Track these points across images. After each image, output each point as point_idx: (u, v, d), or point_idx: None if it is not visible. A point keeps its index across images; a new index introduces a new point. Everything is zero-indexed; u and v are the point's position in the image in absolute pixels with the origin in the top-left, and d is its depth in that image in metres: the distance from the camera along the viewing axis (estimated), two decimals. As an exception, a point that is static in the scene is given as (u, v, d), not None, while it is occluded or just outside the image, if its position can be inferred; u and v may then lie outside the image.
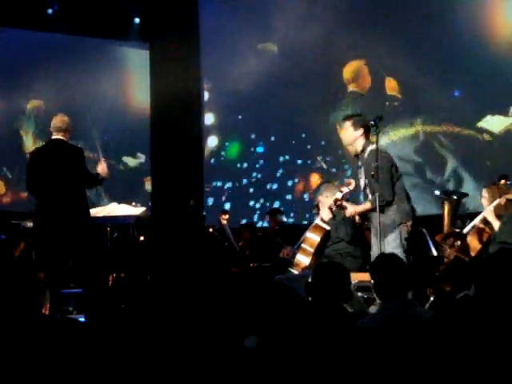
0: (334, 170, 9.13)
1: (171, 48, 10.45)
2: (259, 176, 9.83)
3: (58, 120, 5.60)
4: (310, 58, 8.97)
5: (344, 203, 5.54)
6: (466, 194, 6.63)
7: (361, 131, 5.17)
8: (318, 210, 6.64)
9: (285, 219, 8.67)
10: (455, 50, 7.80)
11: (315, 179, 9.19)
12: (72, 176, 5.41)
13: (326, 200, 5.98)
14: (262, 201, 9.75)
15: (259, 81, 9.08)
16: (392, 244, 5.09)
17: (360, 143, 5.21)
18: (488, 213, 5.39)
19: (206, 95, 10.50)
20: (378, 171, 4.95)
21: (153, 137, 10.94)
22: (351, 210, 5.40)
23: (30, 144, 9.87)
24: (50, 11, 9.92)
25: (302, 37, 8.72)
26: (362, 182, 5.31)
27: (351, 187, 6.02)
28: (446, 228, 6.02)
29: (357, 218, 5.94)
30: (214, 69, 10.28)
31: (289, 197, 9.61)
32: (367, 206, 5.22)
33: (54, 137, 5.60)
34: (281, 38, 9.15)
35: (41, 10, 9.82)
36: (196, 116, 10.93)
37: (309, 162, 9.31)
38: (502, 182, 5.82)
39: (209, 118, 10.38)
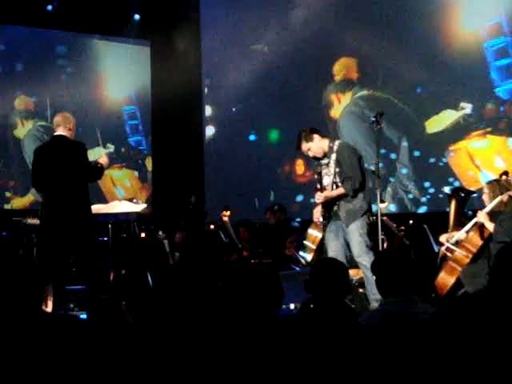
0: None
1: (171, 43, 10.46)
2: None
3: (58, 117, 5.65)
4: (298, 58, 9.85)
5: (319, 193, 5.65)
6: (473, 192, 6.60)
7: (316, 136, 5.48)
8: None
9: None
10: (419, 54, 8.96)
11: (299, 165, 10.07)
12: (74, 171, 5.42)
13: None
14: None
15: (252, 77, 9.94)
16: (356, 234, 5.34)
17: (325, 144, 5.48)
18: (482, 217, 5.35)
19: (205, 90, 11.03)
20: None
21: (154, 133, 10.94)
22: (327, 193, 5.51)
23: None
24: (49, 8, 9.91)
25: (291, 38, 9.70)
26: (329, 179, 5.49)
27: None
28: (451, 225, 5.99)
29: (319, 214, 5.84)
30: (213, 66, 10.76)
31: (280, 183, 10.30)
32: (341, 190, 5.43)
33: (55, 133, 5.62)
34: (272, 38, 10.00)
35: (40, 7, 9.80)
36: (196, 113, 10.94)
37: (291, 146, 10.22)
38: (504, 177, 5.79)
39: (207, 110, 11.02)
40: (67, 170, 5.41)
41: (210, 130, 10.91)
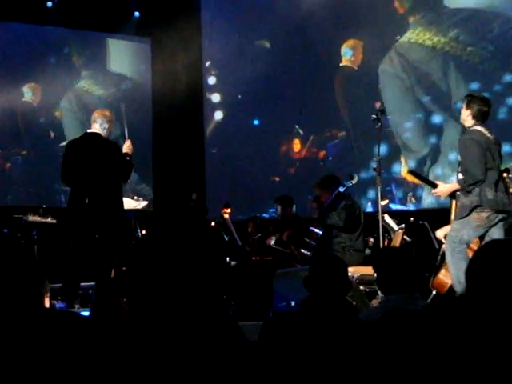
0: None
1: (172, 41, 10.45)
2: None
3: (97, 113, 5.58)
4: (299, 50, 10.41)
5: (436, 182, 5.38)
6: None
7: (469, 112, 5.13)
8: (318, 204, 6.64)
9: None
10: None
11: (296, 144, 10.60)
12: (105, 170, 5.37)
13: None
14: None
15: (255, 67, 10.27)
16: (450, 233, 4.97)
17: (468, 123, 5.17)
18: None
19: (213, 79, 11.27)
20: (379, 165, 5.03)
21: (154, 131, 10.94)
22: (441, 189, 5.24)
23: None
24: (49, 4, 9.88)
25: (292, 28, 10.17)
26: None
27: (354, 181, 6.12)
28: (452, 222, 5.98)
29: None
30: (216, 59, 10.99)
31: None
32: (455, 185, 5.14)
33: (89, 130, 5.56)
34: (274, 32, 10.42)
35: (40, 4, 9.78)
36: (197, 109, 10.94)
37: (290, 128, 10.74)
38: (505, 174, 5.76)
39: (215, 97, 11.31)
40: (97, 168, 5.36)
41: (218, 115, 11.26)
